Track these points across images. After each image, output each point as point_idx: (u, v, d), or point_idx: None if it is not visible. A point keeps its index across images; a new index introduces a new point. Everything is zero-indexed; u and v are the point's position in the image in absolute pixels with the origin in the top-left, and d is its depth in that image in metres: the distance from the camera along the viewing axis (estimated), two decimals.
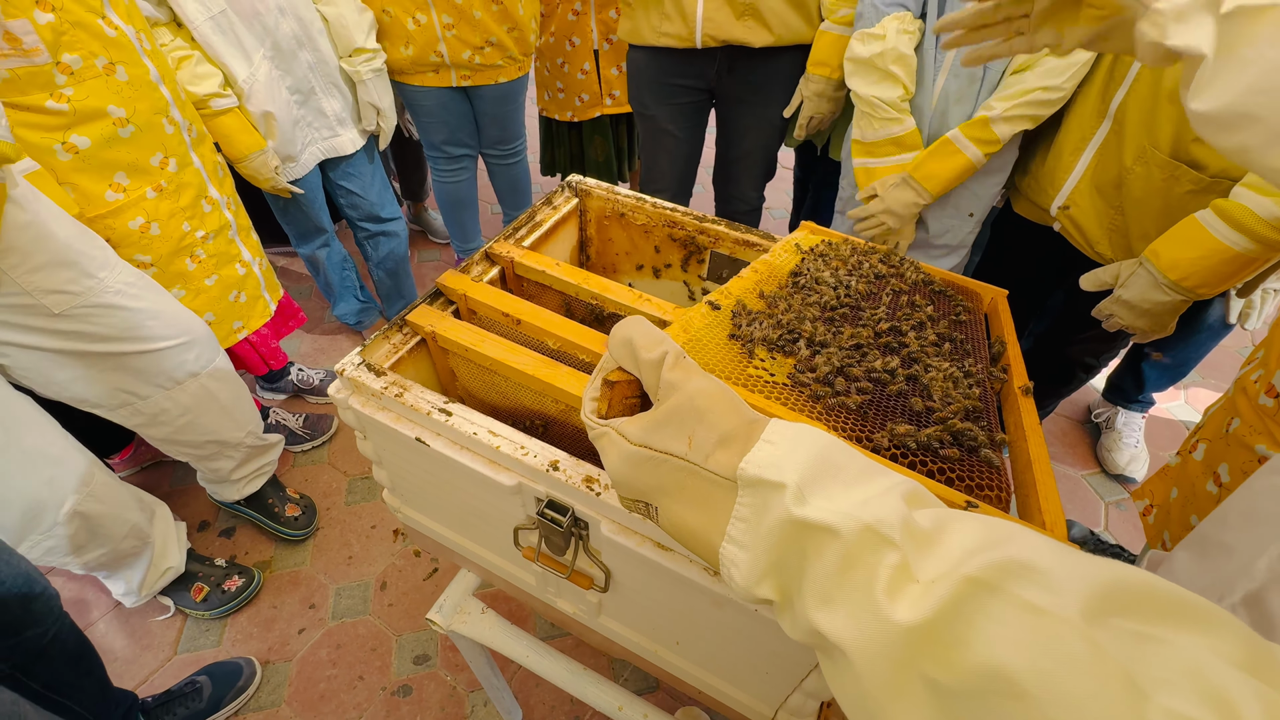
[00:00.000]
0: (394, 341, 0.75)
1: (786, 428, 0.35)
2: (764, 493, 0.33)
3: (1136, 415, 1.90)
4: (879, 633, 0.28)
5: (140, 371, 1.19)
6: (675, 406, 0.37)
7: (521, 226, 0.91)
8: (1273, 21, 0.46)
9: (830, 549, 0.30)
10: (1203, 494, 0.98)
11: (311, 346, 2.24)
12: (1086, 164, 1.24)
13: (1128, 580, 0.25)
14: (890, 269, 0.77)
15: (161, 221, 1.26)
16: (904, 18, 1.27)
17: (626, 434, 0.38)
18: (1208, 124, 0.50)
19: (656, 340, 0.39)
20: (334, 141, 1.71)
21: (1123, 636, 0.24)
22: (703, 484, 0.35)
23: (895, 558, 0.29)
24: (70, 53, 1.04)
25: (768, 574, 0.33)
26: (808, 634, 0.31)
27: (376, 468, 0.79)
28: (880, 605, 0.28)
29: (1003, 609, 0.25)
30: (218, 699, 1.31)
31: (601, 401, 0.41)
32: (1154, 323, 1.11)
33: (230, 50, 1.41)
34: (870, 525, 0.29)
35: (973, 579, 0.26)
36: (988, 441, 0.54)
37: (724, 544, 0.34)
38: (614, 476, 0.39)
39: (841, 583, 0.30)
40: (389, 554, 1.62)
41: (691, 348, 0.60)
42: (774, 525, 0.32)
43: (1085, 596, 0.25)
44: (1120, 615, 0.24)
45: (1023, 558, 0.26)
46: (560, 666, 0.89)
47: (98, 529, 1.21)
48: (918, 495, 0.33)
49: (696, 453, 0.35)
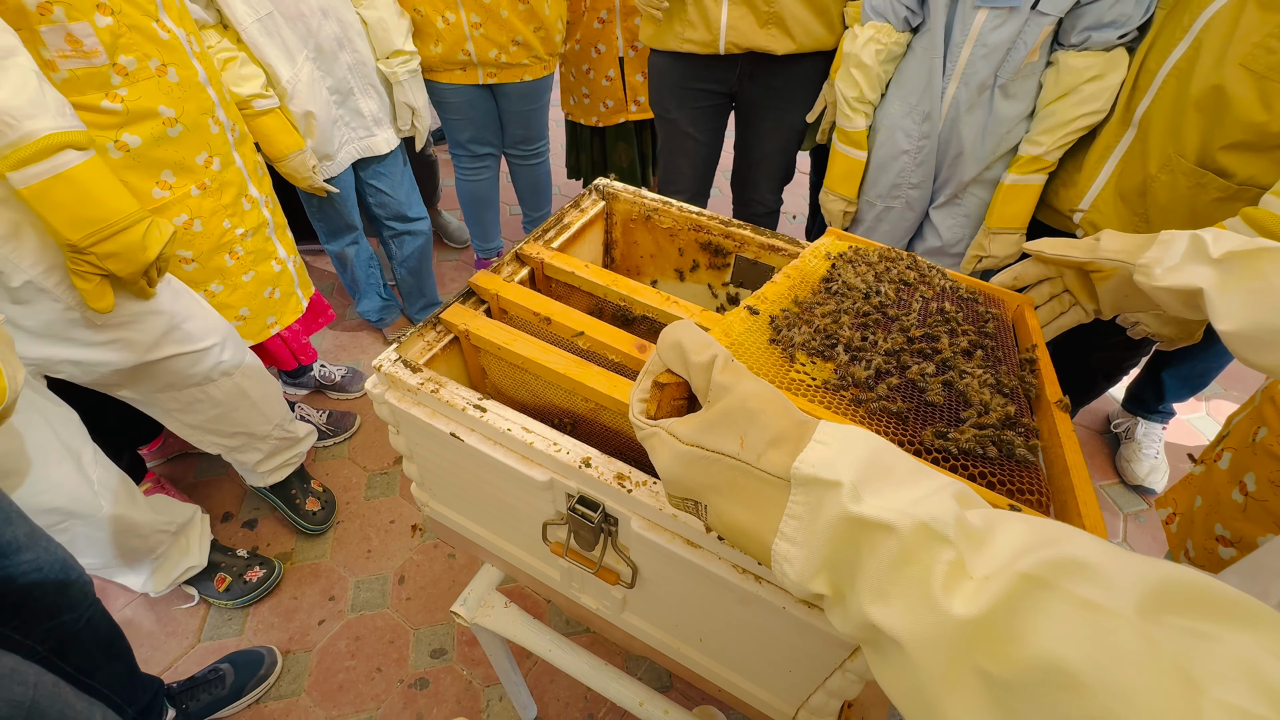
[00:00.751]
0: (428, 339, 0.77)
1: (837, 429, 0.36)
2: (818, 491, 0.34)
3: (1157, 426, 1.88)
4: (935, 625, 0.29)
5: (179, 372, 1.22)
6: (727, 408, 0.38)
7: (550, 229, 0.93)
8: (1271, 259, 0.50)
9: (886, 545, 0.31)
10: (1228, 503, 0.98)
11: (333, 343, 2.28)
12: (1110, 171, 1.23)
13: (1179, 578, 0.26)
14: (918, 275, 0.78)
15: (204, 218, 1.29)
16: (881, 28, 1.31)
17: (678, 434, 0.39)
18: (1239, 342, 0.52)
19: (705, 344, 0.40)
20: (370, 141, 1.74)
21: (1176, 632, 0.24)
22: (755, 483, 0.36)
23: (950, 554, 0.30)
24: (126, 55, 1.07)
25: (821, 570, 0.34)
26: (860, 627, 0.32)
27: (407, 462, 0.81)
28: (937, 599, 0.29)
29: (1058, 604, 0.26)
30: (240, 686, 1.34)
31: (650, 403, 0.42)
32: (1181, 330, 1.10)
33: (276, 51, 1.45)
34: (926, 523, 0.31)
35: (1027, 575, 0.27)
36: (1025, 447, 0.55)
37: (777, 540, 0.35)
38: (665, 475, 0.40)
39: (897, 578, 0.31)
40: (407, 549, 1.64)
41: (734, 352, 0.61)
42: (829, 522, 0.33)
43: (1138, 593, 0.26)
44: (1173, 612, 0.25)
45: (1076, 555, 0.27)
46: (582, 661, 0.90)
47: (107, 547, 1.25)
48: (966, 496, 0.34)
49: (749, 452, 0.36)
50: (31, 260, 0.95)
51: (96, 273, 0.97)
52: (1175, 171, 1.13)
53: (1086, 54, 1.20)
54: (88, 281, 0.97)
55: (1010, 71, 1.23)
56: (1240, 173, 1.06)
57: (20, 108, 0.83)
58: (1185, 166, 1.11)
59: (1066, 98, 1.23)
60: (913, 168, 1.44)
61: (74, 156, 0.90)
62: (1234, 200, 1.08)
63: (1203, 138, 1.08)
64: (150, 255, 1.00)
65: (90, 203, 0.92)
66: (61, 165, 0.89)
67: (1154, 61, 1.15)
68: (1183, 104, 1.09)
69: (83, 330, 1.06)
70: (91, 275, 0.97)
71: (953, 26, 1.25)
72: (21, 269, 0.95)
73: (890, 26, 1.30)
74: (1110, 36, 1.17)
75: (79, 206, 0.91)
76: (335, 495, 1.74)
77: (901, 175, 1.46)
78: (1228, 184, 1.08)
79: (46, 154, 0.87)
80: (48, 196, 0.89)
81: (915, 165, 1.43)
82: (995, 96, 1.28)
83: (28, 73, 0.85)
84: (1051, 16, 1.16)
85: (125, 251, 0.97)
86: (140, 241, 0.98)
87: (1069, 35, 1.20)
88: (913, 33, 1.33)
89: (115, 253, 0.96)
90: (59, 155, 0.88)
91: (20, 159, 0.85)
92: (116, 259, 0.97)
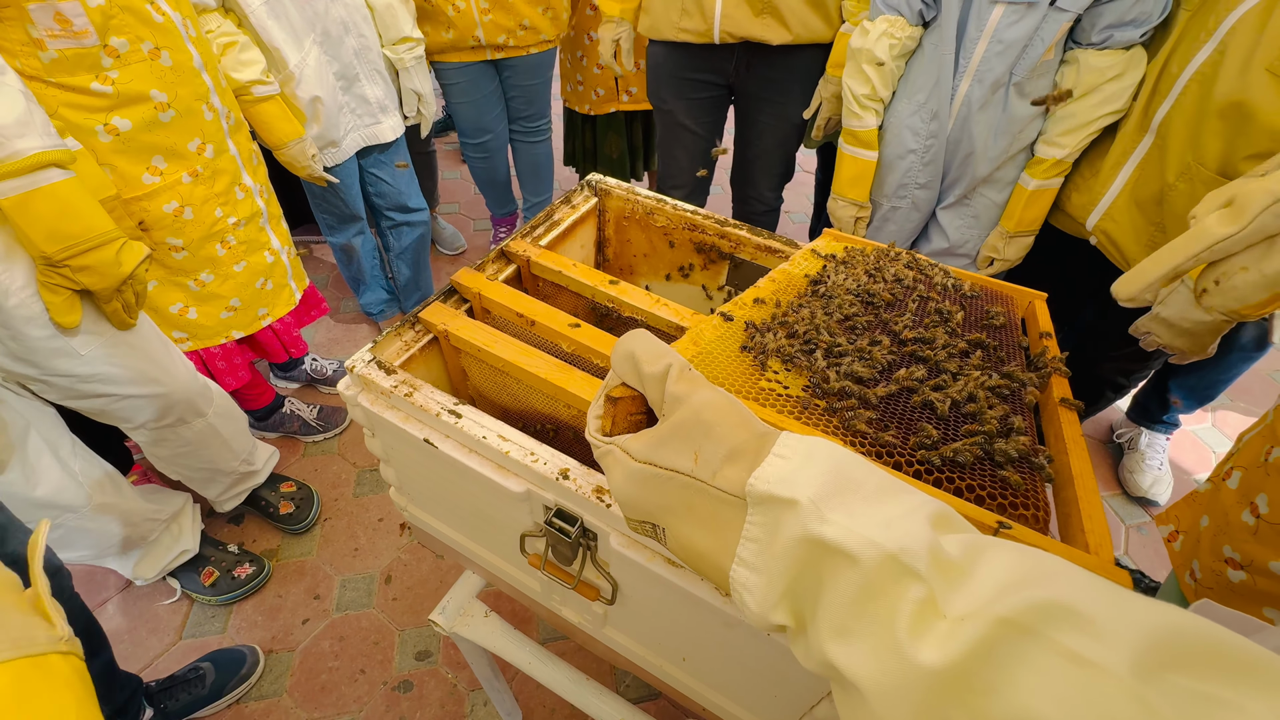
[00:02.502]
0: (405, 339, 0.74)
1: (799, 441, 0.32)
2: (775, 510, 0.30)
3: (1161, 437, 1.84)
4: (900, 673, 0.25)
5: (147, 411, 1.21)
6: (680, 420, 0.34)
7: (539, 225, 0.89)
8: None
9: (847, 577, 0.28)
10: (1237, 524, 0.94)
11: (326, 336, 2.25)
12: (1126, 179, 1.19)
13: (1188, 630, 0.22)
14: (917, 274, 0.74)
15: (195, 206, 1.27)
16: (895, 22, 1.27)
17: (630, 450, 0.36)
18: None
19: (660, 353, 0.37)
20: (375, 129, 1.72)
21: (1180, 696, 0.21)
22: (711, 502, 0.33)
23: (920, 591, 0.26)
24: (118, 36, 1.05)
25: (783, 598, 0.31)
26: (822, 665, 0.29)
27: (384, 465, 0.78)
28: (902, 643, 0.26)
29: (1041, 656, 0.23)
30: (220, 686, 1.31)
31: (605, 419, 0.39)
32: (1193, 343, 1.07)
33: (283, 35, 1.43)
34: (893, 554, 0.27)
35: (1007, 620, 0.24)
36: (1024, 455, 0.51)
37: (734, 566, 0.32)
38: (619, 496, 0.37)
39: (860, 614, 0.27)
40: (395, 547, 1.61)
41: (701, 361, 0.58)
42: (788, 545, 0.30)
43: (1137, 647, 0.22)
44: (1177, 670, 0.22)
45: (1065, 599, 0.24)
46: (563, 675, 0.87)
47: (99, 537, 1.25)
48: (945, 518, 0.30)
49: (703, 469, 0.33)
50: (21, 283, 0.95)
51: (68, 287, 0.97)
52: (1194, 180, 1.08)
53: (1108, 53, 1.16)
54: (56, 295, 0.97)
55: (1026, 69, 1.20)
56: None
57: (8, 127, 0.85)
58: (1205, 175, 1.07)
59: (1088, 97, 1.20)
60: (920, 167, 1.40)
61: (57, 174, 0.91)
62: None
63: (1225, 146, 1.03)
64: (125, 270, 0.99)
65: (69, 217, 0.93)
66: (43, 180, 0.90)
67: (1176, 65, 1.11)
68: (1205, 111, 1.05)
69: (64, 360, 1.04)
70: (61, 289, 0.96)
71: (967, 22, 1.21)
72: (12, 291, 0.94)
73: (904, 20, 1.26)
74: (1133, 35, 1.14)
75: (57, 220, 0.92)
76: (324, 492, 1.72)
77: (908, 175, 1.42)
78: None
79: (31, 169, 0.88)
80: (28, 208, 0.89)
81: (923, 165, 1.40)
82: (1010, 95, 1.24)
83: (16, 93, 0.86)
84: (1070, 13, 1.12)
85: (100, 266, 0.97)
86: (115, 258, 0.98)
87: (1089, 34, 1.16)
88: (924, 27, 1.29)
89: (89, 266, 0.96)
90: (43, 171, 0.89)
91: (4, 173, 0.85)
92: (90, 273, 0.96)
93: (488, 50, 1.88)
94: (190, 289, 1.36)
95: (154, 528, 1.35)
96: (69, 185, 0.93)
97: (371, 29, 1.60)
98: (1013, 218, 1.37)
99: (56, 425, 1.14)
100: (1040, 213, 1.35)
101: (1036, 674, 0.23)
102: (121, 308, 1.04)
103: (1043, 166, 1.29)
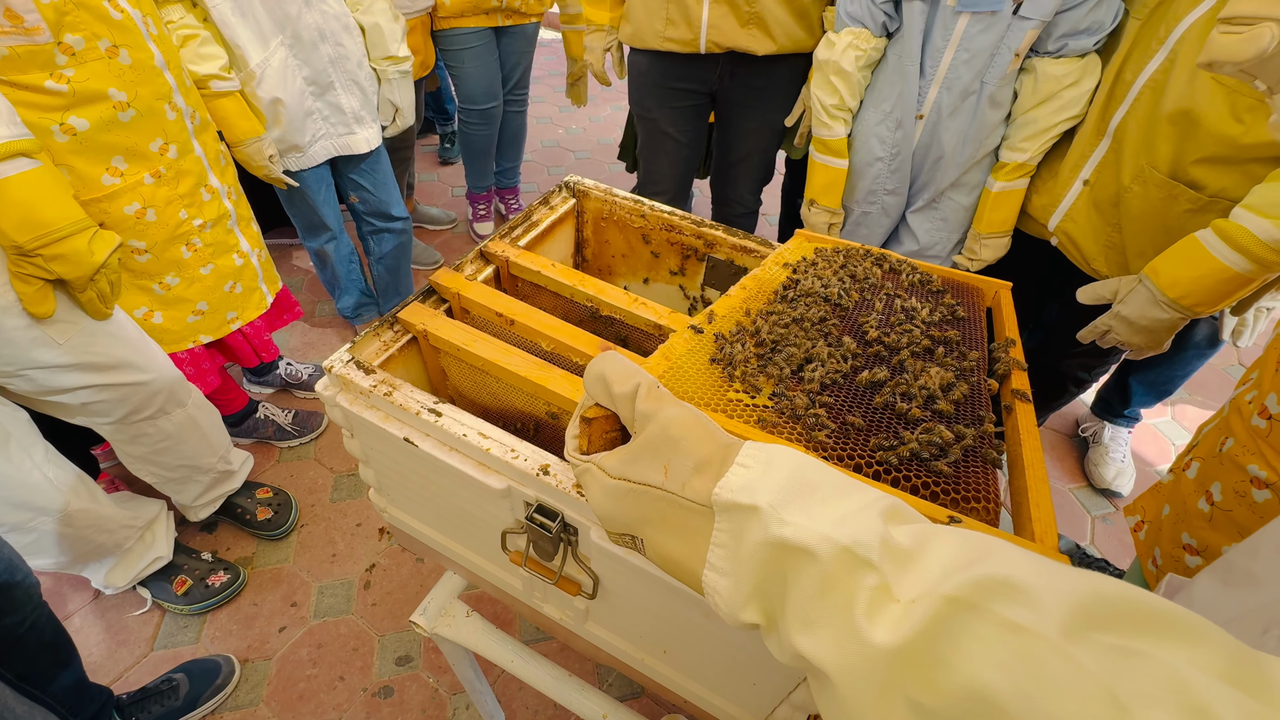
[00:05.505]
0: (384, 339, 0.74)
1: (760, 450, 0.35)
2: (739, 517, 0.33)
3: (1123, 430, 1.90)
4: (860, 656, 0.28)
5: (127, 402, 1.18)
6: (650, 437, 0.37)
7: (517, 226, 0.90)
8: None
9: (808, 572, 0.30)
10: (1194, 512, 0.98)
11: (301, 340, 2.22)
12: (1084, 182, 1.24)
13: (1108, 593, 0.25)
14: (885, 271, 0.77)
15: (158, 208, 1.24)
16: (860, 34, 1.31)
17: (606, 468, 0.38)
18: None
19: (629, 373, 0.39)
20: (348, 139, 1.69)
21: (1103, 651, 0.23)
22: (682, 513, 0.35)
23: (874, 579, 0.29)
24: (73, 33, 1.02)
25: (751, 598, 0.33)
26: (793, 658, 0.31)
27: (363, 467, 0.78)
28: (860, 628, 0.28)
29: (983, 628, 0.25)
30: (194, 697, 1.29)
31: (582, 438, 0.41)
32: (1151, 339, 1.11)
33: (248, 33, 1.41)
34: (847, 547, 0.29)
35: (952, 598, 0.26)
36: (975, 448, 0.53)
37: (706, 571, 0.34)
38: (598, 511, 0.39)
39: (821, 605, 0.29)
40: (373, 552, 1.60)
41: (672, 375, 0.59)
42: (752, 549, 0.32)
43: (1065, 612, 0.25)
44: (1101, 629, 0.24)
45: (1002, 574, 0.26)
46: (545, 672, 0.88)
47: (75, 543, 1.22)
48: (897, 511, 0.32)
49: (673, 481, 0.35)
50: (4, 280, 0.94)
51: (40, 276, 0.95)
52: (1148, 183, 1.13)
53: (1064, 61, 1.21)
54: (29, 285, 0.95)
55: (998, 77, 1.24)
56: (1211, 185, 1.07)
57: None
58: (1158, 178, 1.12)
59: (1046, 104, 1.24)
60: (887, 174, 1.44)
61: (26, 163, 0.90)
62: (1205, 212, 1.08)
63: (1176, 150, 1.08)
64: (97, 259, 0.98)
65: (41, 206, 0.92)
66: (12, 169, 0.88)
67: (1130, 72, 1.15)
68: (1157, 117, 1.10)
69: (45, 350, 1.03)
70: (34, 279, 0.95)
71: (932, 31, 1.24)
72: None
73: (868, 32, 1.30)
74: (1087, 44, 1.18)
75: (29, 209, 0.91)
76: (300, 498, 1.69)
77: (877, 182, 1.46)
78: (1199, 195, 1.08)
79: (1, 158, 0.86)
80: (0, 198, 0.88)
81: (890, 172, 1.43)
82: (981, 103, 1.28)
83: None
84: (1034, 21, 1.16)
85: (72, 255, 0.96)
86: (87, 247, 0.97)
87: (1045, 42, 1.20)
88: (889, 38, 1.33)
89: (61, 255, 0.95)
90: (11, 160, 0.88)
91: None
92: (63, 261, 0.95)
93: (499, 15, 2.06)
94: (155, 292, 1.33)
95: (129, 535, 1.32)
96: (39, 174, 0.91)
97: (354, 40, 1.59)
98: (981, 220, 1.41)
99: (30, 430, 1.11)
100: (1008, 214, 1.39)
101: (979, 644, 0.25)
102: (96, 297, 1.02)
103: (1005, 169, 1.34)
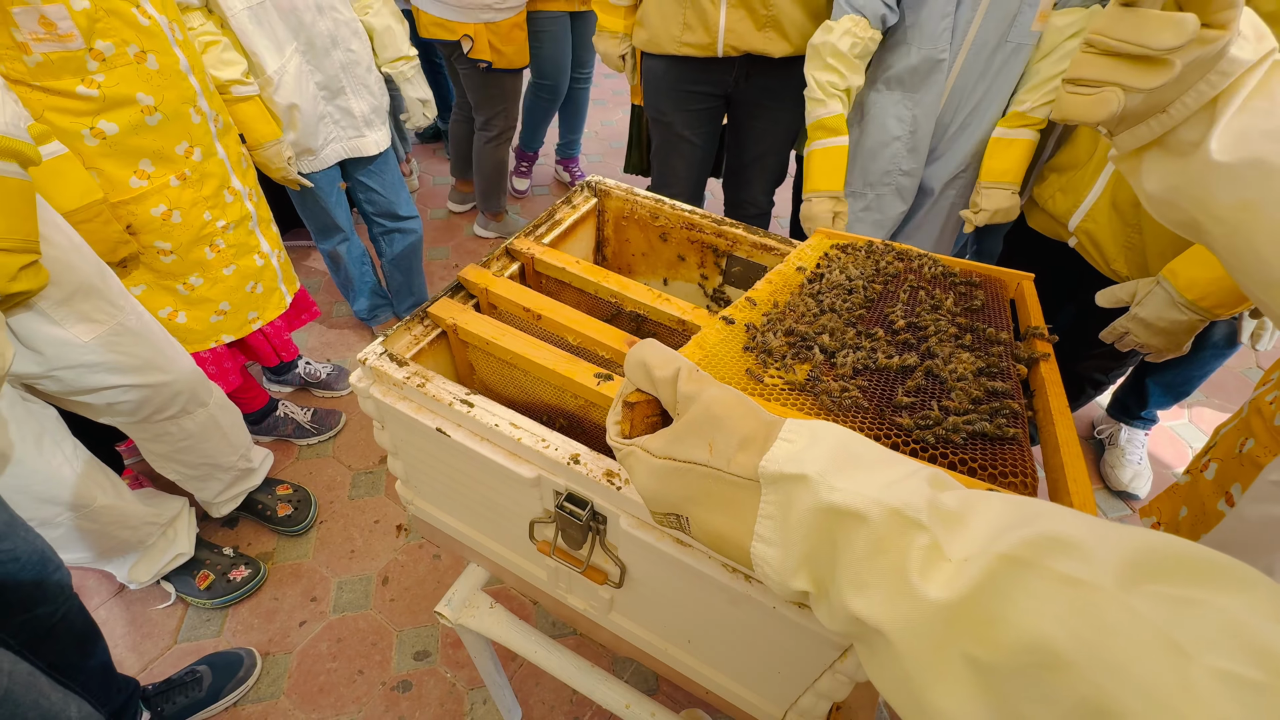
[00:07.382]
0: (415, 333, 0.76)
1: (802, 425, 0.36)
2: (787, 487, 0.34)
3: (1140, 432, 1.89)
4: (915, 611, 0.28)
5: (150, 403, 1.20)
6: (694, 417, 0.38)
7: (541, 224, 0.92)
8: None
9: (859, 535, 0.31)
10: (1213, 513, 0.98)
11: (319, 340, 2.25)
12: (1106, 182, 1.24)
13: (1159, 546, 0.26)
14: (906, 265, 0.78)
15: (183, 210, 1.27)
16: (858, 22, 1.30)
17: (650, 449, 0.39)
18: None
19: (669, 359, 0.41)
20: (358, 142, 1.73)
21: (1159, 600, 0.24)
22: (728, 488, 0.36)
23: (925, 539, 0.29)
24: (103, 39, 1.05)
25: (801, 567, 0.34)
26: (846, 621, 0.32)
27: (392, 459, 0.80)
28: (914, 585, 0.29)
29: (1039, 583, 0.26)
30: (218, 689, 1.31)
31: (624, 423, 0.42)
32: (1169, 341, 1.11)
33: (264, 41, 1.44)
34: (897, 509, 0.30)
35: (1006, 556, 0.27)
36: (1009, 429, 0.54)
37: (754, 543, 0.35)
38: (643, 492, 0.40)
39: (874, 566, 0.30)
40: (391, 549, 1.62)
41: (707, 363, 0.61)
42: (802, 517, 0.33)
43: (1119, 565, 0.25)
44: (1155, 580, 0.25)
45: (1054, 531, 0.27)
46: (568, 663, 0.89)
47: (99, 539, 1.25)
48: (940, 479, 0.33)
49: (718, 458, 0.36)
50: None
51: None
52: None
53: (1066, 11, 1.22)
54: None
55: (1022, 34, 1.24)
56: None
57: None
58: None
59: (1049, 56, 1.25)
60: (904, 154, 1.44)
61: (15, 170, 0.87)
62: None
63: None
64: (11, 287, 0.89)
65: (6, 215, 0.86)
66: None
67: None
68: None
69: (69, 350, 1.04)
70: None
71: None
72: None
73: (866, 22, 1.30)
74: None
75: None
76: (319, 495, 1.71)
77: (893, 162, 1.46)
78: None
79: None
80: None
81: (907, 151, 1.43)
82: (1007, 58, 1.28)
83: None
84: None
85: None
86: (13, 270, 0.88)
87: None
88: (884, 33, 1.33)
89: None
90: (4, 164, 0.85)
91: None
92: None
93: (577, 0, 2.26)
94: (179, 293, 1.36)
95: (152, 531, 1.35)
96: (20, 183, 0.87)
97: (362, 44, 1.62)
98: (984, 168, 1.40)
99: (59, 427, 1.14)
100: (1011, 164, 1.36)
101: (1036, 598, 0.25)
102: None
103: (1008, 117, 1.34)
